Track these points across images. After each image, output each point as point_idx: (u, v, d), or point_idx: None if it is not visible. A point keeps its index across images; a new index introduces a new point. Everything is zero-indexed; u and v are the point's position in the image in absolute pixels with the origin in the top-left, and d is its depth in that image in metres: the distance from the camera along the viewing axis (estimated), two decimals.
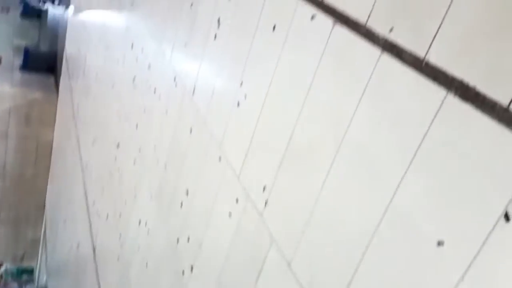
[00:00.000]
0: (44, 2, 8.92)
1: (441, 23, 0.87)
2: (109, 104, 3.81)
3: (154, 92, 2.64)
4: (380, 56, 1.01)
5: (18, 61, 8.83)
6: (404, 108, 0.94)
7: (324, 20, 1.21)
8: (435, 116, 0.86)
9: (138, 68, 2.98)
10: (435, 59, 0.87)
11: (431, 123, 0.87)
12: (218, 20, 1.87)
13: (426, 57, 0.89)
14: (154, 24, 2.76)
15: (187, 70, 2.18)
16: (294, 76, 1.33)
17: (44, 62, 8.14)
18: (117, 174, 3.33)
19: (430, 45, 0.89)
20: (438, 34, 0.87)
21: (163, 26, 2.56)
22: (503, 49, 0.76)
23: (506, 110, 0.75)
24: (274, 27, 1.44)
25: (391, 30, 0.98)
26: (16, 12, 10.96)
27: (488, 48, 0.78)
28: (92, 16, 4.97)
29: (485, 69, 0.78)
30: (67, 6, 6.95)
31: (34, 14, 10.68)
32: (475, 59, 0.80)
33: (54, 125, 7.11)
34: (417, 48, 0.91)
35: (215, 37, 1.90)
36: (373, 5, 1.04)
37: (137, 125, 2.95)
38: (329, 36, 1.18)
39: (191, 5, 2.15)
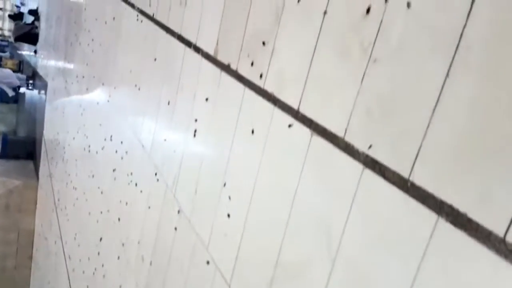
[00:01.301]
0: (19, 89, 8.99)
1: (421, 144, 0.85)
2: (89, 194, 3.71)
3: (136, 186, 2.58)
4: (363, 171, 0.99)
5: None
6: (396, 229, 0.90)
7: (302, 129, 1.20)
8: (429, 242, 0.82)
9: (118, 160, 2.93)
10: (420, 180, 0.85)
11: (425, 249, 0.83)
12: (196, 120, 1.86)
13: (411, 178, 0.87)
14: (132, 118, 2.75)
15: (168, 166, 2.14)
16: (278, 182, 1.30)
17: (23, 148, 8.04)
18: (101, 270, 3.17)
19: (413, 165, 0.87)
20: (419, 155, 0.86)
21: (142, 120, 2.55)
22: (491, 175, 0.74)
23: (502, 240, 0.71)
24: (252, 131, 1.43)
25: (370, 146, 0.97)
26: None
27: (475, 172, 0.76)
28: (70, 103, 4.99)
29: (475, 195, 0.76)
30: (43, 91, 6.99)
31: (10, 99, 10.72)
32: (463, 184, 0.78)
33: (35, 212, 6.88)
34: (400, 168, 0.89)
35: (195, 134, 1.89)
36: (349, 120, 1.03)
37: (119, 219, 2.85)
38: (309, 146, 1.17)
39: (168, 103, 2.15)
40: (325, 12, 1.12)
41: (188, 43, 1.97)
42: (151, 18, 2.35)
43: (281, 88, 1.30)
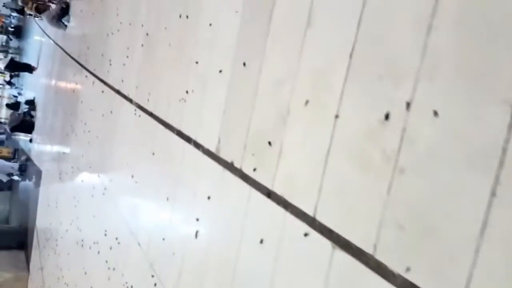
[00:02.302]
0: (12, 175, 8.87)
1: (471, 273, 0.73)
2: None
3: None
4: None
5: None
6: None
7: (321, 240, 1.08)
8: None
9: (112, 258, 2.74)
10: None
11: None
12: (197, 219, 1.74)
13: None
14: (128, 213, 2.62)
15: (167, 270, 1.97)
16: None
17: (15, 238, 7.74)
18: None
19: None
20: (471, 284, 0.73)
21: (138, 216, 2.42)
22: None
23: None
24: (261, 240, 1.30)
25: (408, 269, 0.84)
26: None
27: None
28: (64, 193, 4.85)
29: None
30: (37, 179, 6.87)
31: (4, 186, 10.55)
32: None
33: None
34: None
35: (197, 235, 1.75)
36: (377, 235, 0.92)
37: None
38: (331, 260, 1.04)
39: (167, 199, 2.04)
40: (336, 116, 1.06)
41: (188, 139, 1.90)
42: (150, 113, 2.32)
43: (293, 192, 1.20)
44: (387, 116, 0.92)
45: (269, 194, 1.30)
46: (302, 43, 1.20)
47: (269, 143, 1.32)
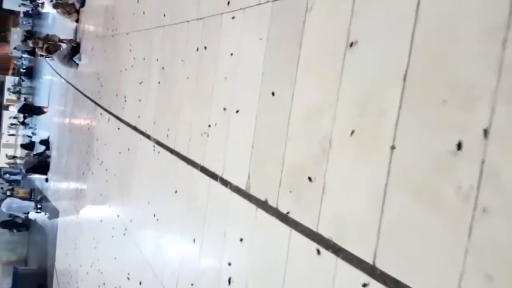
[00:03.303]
0: (28, 214, 8.83)
1: None
2: None
3: None
4: None
5: (8, 282, 8.34)
6: None
7: None
8: None
9: None
10: None
11: None
12: (230, 264, 1.60)
13: None
14: (152, 255, 2.49)
15: None
16: None
17: (34, 281, 7.64)
18: None
19: None
20: None
21: (163, 258, 2.28)
22: None
23: None
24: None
25: None
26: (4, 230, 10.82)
27: None
28: (83, 234, 4.75)
29: None
30: (54, 219, 6.80)
31: (22, 226, 10.54)
32: None
33: None
34: None
35: (230, 281, 1.61)
36: (459, 287, 0.77)
37: None
38: None
39: (194, 240, 1.91)
40: (392, 147, 0.93)
41: (213, 176, 1.78)
42: (170, 149, 2.21)
43: (344, 234, 1.06)
44: (459, 146, 0.79)
45: (314, 236, 1.16)
46: (342, 67, 1.09)
47: (309, 178, 1.19)
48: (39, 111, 9.54)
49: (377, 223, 0.96)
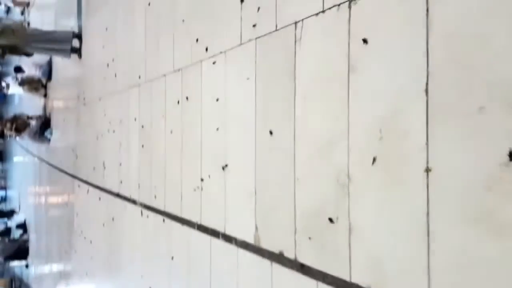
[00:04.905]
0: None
1: None
2: None
3: None
4: None
5: None
6: None
7: None
8: None
9: None
10: None
11: None
12: None
13: None
14: None
15: None
16: None
17: None
18: None
19: None
20: None
21: None
22: None
23: None
24: None
25: None
26: None
27: None
28: None
29: None
30: None
31: None
32: None
33: None
34: None
35: None
36: None
37: None
38: None
39: None
40: (427, 170, 0.81)
41: (214, 233, 1.61)
42: (160, 212, 2.04)
43: (385, 281, 0.92)
44: (511, 155, 0.68)
45: (348, 287, 1.01)
46: (347, 92, 0.99)
47: (330, 220, 1.06)
48: (11, 214, 9.37)
49: (424, 261, 0.82)
